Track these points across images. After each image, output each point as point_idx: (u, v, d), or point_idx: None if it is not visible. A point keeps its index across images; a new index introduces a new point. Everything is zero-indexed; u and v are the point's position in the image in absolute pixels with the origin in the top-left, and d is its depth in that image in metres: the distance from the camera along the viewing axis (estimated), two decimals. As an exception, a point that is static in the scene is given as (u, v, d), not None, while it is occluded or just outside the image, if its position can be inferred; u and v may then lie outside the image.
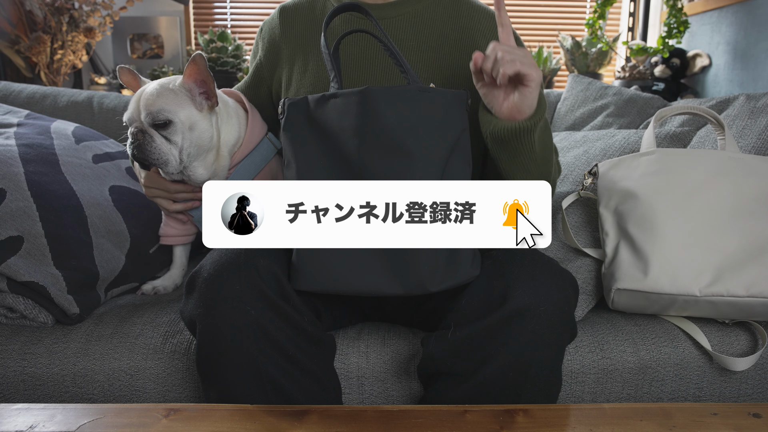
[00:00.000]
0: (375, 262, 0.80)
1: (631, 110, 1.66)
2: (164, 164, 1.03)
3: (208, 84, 1.04)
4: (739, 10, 2.04)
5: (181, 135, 1.03)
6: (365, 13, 0.93)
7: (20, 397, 1.00)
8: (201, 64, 1.03)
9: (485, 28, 1.05)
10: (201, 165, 1.07)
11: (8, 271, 1.01)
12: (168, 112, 1.02)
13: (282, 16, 1.11)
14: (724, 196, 1.06)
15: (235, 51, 2.45)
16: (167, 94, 1.03)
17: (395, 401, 1.01)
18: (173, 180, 1.11)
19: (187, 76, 1.04)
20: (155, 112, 1.02)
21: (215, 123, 1.07)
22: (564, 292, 0.84)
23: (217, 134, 1.08)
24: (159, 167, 1.04)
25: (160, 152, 1.02)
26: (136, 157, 1.03)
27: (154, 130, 1.02)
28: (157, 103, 1.02)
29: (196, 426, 0.72)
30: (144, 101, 1.03)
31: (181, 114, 1.03)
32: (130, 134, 1.04)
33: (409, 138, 0.79)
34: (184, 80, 1.04)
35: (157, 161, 1.02)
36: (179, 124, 1.03)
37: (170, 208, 1.14)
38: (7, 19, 2.29)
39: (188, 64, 1.03)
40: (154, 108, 1.02)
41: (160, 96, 1.02)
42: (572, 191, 1.24)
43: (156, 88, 1.03)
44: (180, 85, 1.04)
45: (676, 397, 1.04)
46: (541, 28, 2.91)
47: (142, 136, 1.02)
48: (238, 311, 0.81)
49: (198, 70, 1.03)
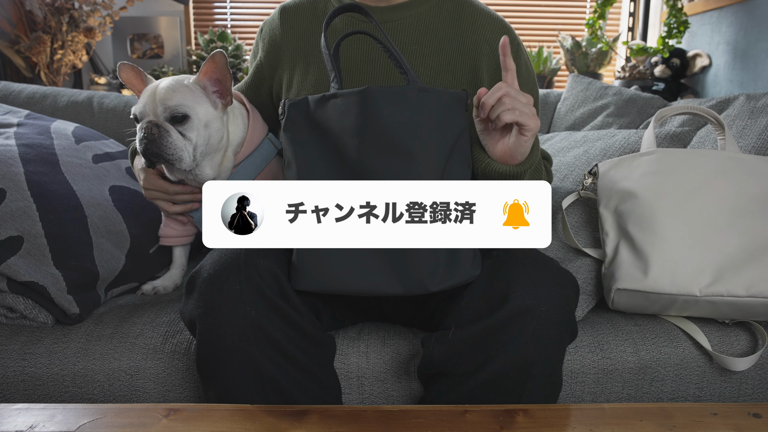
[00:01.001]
0: (375, 262, 0.81)
1: (631, 110, 1.66)
2: (178, 160, 1.01)
3: (224, 83, 1.04)
4: (739, 10, 2.04)
5: (197, 131, 1.02)
6: (366, 15, 0.93)
7: (20, 397, 1.00)
8: (220, 62, 1.02)
9: (488, 32, 1.05)
10: (209, 164, 1.07)
11: (8, 271, 1.01)
12: (186, 107, 1.01)
13: (283, 16, 1.11)
14: (724, 196, 1.06)
15: (235, 51, 2.45)
16: (184, 89, 1.02)
17: (395, 401, 1.01)
18: (176, 180, 1.10)
19: (203, 74, 1.03)
20: (174, 107, 1.00)
21: (226, 123, 1.08)
22: (564, 292, 0.84)
23: (227, 134, 1.08)
24: (172, 163, 1.02)
25: (176, 147, 1.00)
26: (148, 151, 0.99)
27: (170, 124, 1.00)
28: (175, 98, 1.00)
29: (196, 426, 0.72)
30: (160, 95, 1.01)
31: (199, 110, 1.02)
32: (141, 128, 1.01)
33: (409, 138, 0.79)
34: (199, 77, 1.04)
35: (172, 156, 1.00)
36: (196, 120, 1.02)
37: (170, 210, 1.13)
38: (7, 19, 2.29)
39: (207, 61, 1.02)
40: (173, 102, 1.00)
41: (176, 91, 1.01)
42: (572, 191, 1.24)
43: (172, 84, 1.02)
44: (195, 83, 1.04)
45: (676, 397, 1.04)
46: (541, 28, 2.91)
47: (157, 130, 0.99)
48: (238, 311, 0.81)
49: (216, 67, 1.02)
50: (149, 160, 1.02)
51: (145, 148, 1.00)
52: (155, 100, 1.01)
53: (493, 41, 1.05)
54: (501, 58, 0.88)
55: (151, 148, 0.99)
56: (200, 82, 1.04)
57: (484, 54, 1.04)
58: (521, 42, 1.10)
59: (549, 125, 1.83)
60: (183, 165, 1.02)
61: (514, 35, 1.08)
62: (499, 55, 1.05)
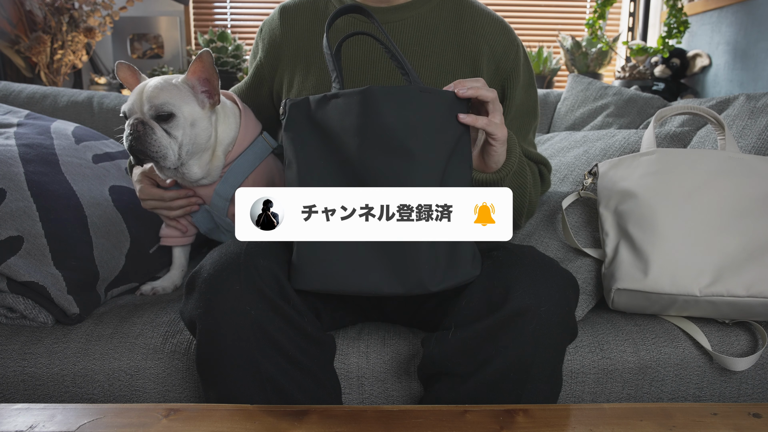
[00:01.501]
0: (375, 262, 0.81)
1: (631, 110, 1.66)
2: (162, 158, 1.02)
3: (212, 82, 1.04)
4: (739, 10, 2.04)
5: (182, 130, 1.02)
6: (368, 15, 0.93)
7: (20, 397, 1.00)
8: (207, 61, 1.02)
9: (488, 33, 1.05)
10: (196, 164, 1.07)
11: (8, 271, 1.01)
12: (172, 105, 1.02)
13: (282, 16, 1.11)
14: (724, 196, 1.06)
15: (235, 51, 2.45)
16: (171, 88, 1.03)
17: (395, 401, 1.01)
18: (167, 180, 1.11)
19: (191, 73, 1.04)
20: (159, 105, 1.01)
21: (214, 122, 1.08)
22: (565, 292, 0.84)
23: (215, 134, 1.08)
24: (156, 161, 1.03)
25: (160, 145, 1.01)
26: (134, 148, 1.01)
27: (155, 122, 1.01)
28: (161, 96, 1.01)
29: (196, 426, 0.72)
30: (147, 93, 1.02)
31: (185, 109, 1.03)
32: (128, 126, 1.02)
33: (409, 138, 0.79)
34: (188, 77, 1.04)
35: (156, 154, 1.01)
36: (182, 118, 1.02)
37: (170, 215, 1.14)
38: (7, 19, 2.29)
39: (194, 61, 1.03)
40: (158, 101, 1.01)
41: (163, 90, 1.02)
42: (572, 191, 1.24)
43: (160, 82, 1.03)
44: (183, 82, 1.04)
45: (676, 397, 1.04)
46: (541, 28, 2.91)
47: (143, 128, 1.01)
48: (238, 311, 0.81)
49: (203, 67, 1.03)
50: (136, 157, 1.03)
51: (131, 145, 1.01)
52: (142, 98, 1.02)
53: (494, 42, 1.05)
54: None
55: (136, 145, 1.01)
56: (188, 81, 1.04)
57: (484, 55, 1.04)
58: (521, 43, 1.10)
59: (549, 125, 1.83)
60: (168, 163, 1.03)
61: (514, 36, 1.08)
62: (499, 57, 1.05)
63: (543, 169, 1.13)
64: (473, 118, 0.83)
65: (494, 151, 0.88)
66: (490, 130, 0.85)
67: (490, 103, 0.84)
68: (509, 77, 1.06)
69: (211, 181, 1.11)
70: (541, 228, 1.22)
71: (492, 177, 0.92)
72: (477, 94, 0.83)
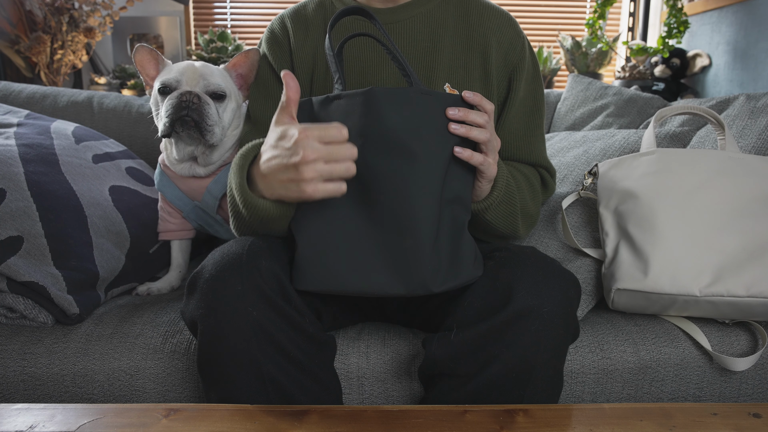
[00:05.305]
0: (377, 262, 0.81)
1: (631, 110, 1.66)
2: (211, 132, 1.04)
3: (247, 79, 1.09)
4: (739, 10, 2.04)
5: (230, 113, 1.08)
6: (369, 18, 0.93)
7: (20, 397, 1.00)
8: (253, 59, 1.07)
9: (495, 25, 1.06)
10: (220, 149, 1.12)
11: (8, 271, 1.01)
12: (225, 87, 1.07)
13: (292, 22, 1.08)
14: (724, 196, 1.06)
15: (235, 51, 2.45)
16: (223, 72, 1.09)
17: (395, 401, 1.01)
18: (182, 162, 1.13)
19: (232, 65, 1.09)
20: (216, 83, 1.05)
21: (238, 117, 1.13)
22: (566, 292, 0.84)
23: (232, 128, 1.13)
24: (205, 132, 1.04)
25: (214, 118, 1.04)
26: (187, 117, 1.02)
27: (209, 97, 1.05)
28: (216, 76, 1.06)
29: (196, 426, 0.72)
30: (202, 71, 1.05)
31: (233, 93, 1.09)
32: (177, 96, 1.02)
33: (412, 139, 0.80)
34: (228, 66, 1.09)
35: (210, 127, 1.03)
36: (231, 102, 1.07)
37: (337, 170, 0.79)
38: (7, 19, 2.29)
39: (240, 55, 1.07)
40: (214, 79, 1.05)
41: (217, 71, 1.07)
42: (572, 191, 1.24)
43: (207, 65, 1.08)
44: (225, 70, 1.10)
45: (676, 397, 1.04)
46: (541, 28, 2.91)
47: (198, 100, 1.03)
48: (240, 312, 0.80)
49: (247, 63, 1.07)
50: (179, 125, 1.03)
51: (184, 115, 1.02)
52: (196, 74, 1.05)
53: (501, 34, 1.06)
54: None
55: (192, 115, 1.02)
56: (228, 70, 1.09)
57: (492, 47, 1.05)
58: (526, 36, 1.10)
59: (549, 125, 1.83)
60: (214, 138, 1.06)
61: (519, 29, 1.09)
62: (506, 49, 1.05)
63: (545, 174, 1.13)
64: (470, 153, 0.83)
65: (479, 186, 0.90)
66: (484, 168, 0.86)
67: (483, 144, 0.84)
68: (516, 69, 1.07)
69: (207, 173, 1.13)
70: (541, 228, 1.22)
71: (476, 206, 0.93)
72: (468, 135, 0.82)
